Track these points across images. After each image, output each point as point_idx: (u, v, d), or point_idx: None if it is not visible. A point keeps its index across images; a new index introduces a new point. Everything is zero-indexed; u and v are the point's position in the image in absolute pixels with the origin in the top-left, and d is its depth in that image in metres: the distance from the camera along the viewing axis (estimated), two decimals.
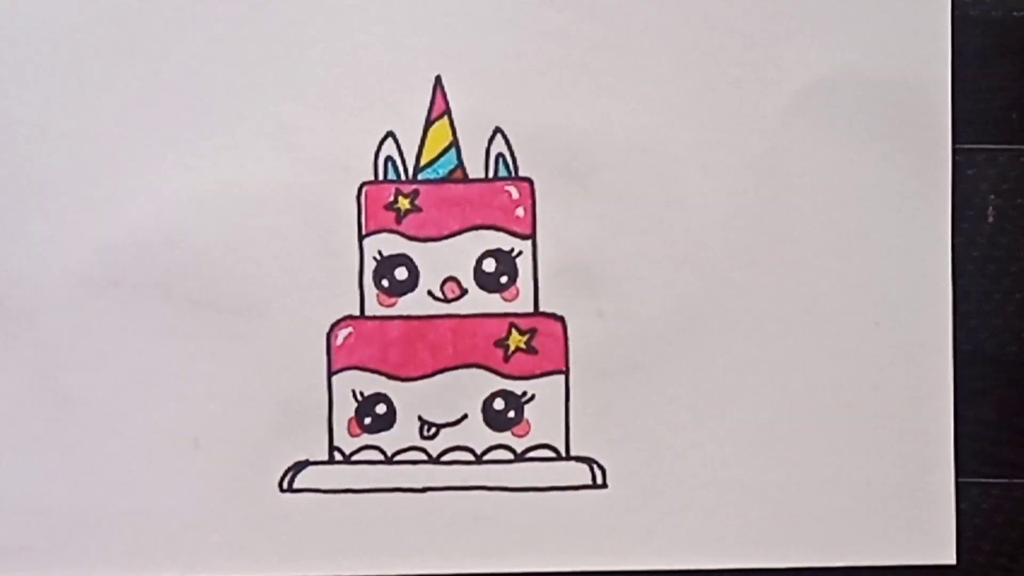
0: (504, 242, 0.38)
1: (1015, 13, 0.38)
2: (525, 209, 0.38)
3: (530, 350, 0.38)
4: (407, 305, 0.38)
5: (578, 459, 0.38)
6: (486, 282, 0.38)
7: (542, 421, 0.38)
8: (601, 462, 0.38)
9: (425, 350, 0.38)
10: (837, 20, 0.38)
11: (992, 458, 0.38)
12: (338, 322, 0.38)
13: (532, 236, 0.38)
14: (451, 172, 0.38)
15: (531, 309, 0.38)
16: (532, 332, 0.38)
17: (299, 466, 0.38)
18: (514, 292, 0.38)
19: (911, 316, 0.38)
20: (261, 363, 0.38)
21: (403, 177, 0.38)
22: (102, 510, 0.38)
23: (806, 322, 0.38)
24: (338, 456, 0.38)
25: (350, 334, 0.38)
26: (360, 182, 0.38)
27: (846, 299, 0.38)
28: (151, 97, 0.38)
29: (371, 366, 0.38)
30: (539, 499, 0.38)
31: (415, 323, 0.38)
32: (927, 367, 0.38)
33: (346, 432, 0.38)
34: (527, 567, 0.38)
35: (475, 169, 0.38)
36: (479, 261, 0.38)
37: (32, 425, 0.38)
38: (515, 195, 0.38)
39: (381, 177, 0.38)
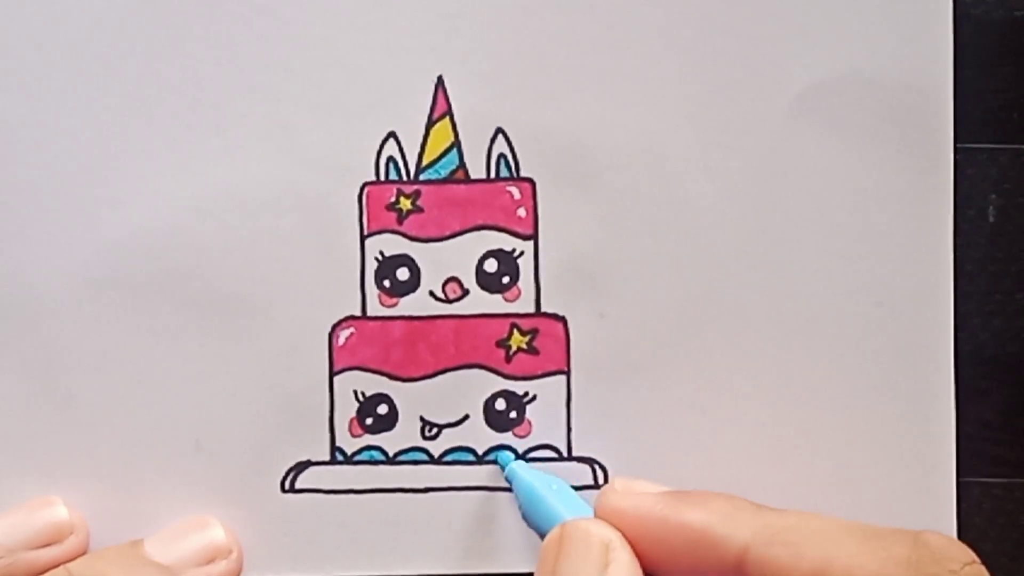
0: (506, 242, 0.38)
1: (1016, 13, 0.38)
2: (527, 210, 0.38)
3: (532, 351, 0.38)
4: (409, 305, 0.38)
5: (580, 459, 0.38)
6: (488, 282, 0.38)
7: (544, 422, 0.38)
8: (603, 462, 0.38)
9: (427, 350, 0.38)
10: (838, 21, 0.38)
11: (993, 458, 0.38)
12: (340, 322, 0.38)
13: (534, 236, 0.38)
14: (453, 172, 0.38)
15: (533, 310, 0.38)
16: (534, 333, 0.38)
17: (301, 466, 0.38)
18: (516, 293, 0.38)
19: (912, 316, 0.38)
20: (262, 364, 0.38)
21: (405, 178, 0.38)
22: (102, 511, 0.38)
23: (807, 323, 0.38)
24: (340, 456, 0.38)
25: (352, 335, 0.38)
26: (362, 183, 0.38)
27: (846, 299, 0.38)
28: (151, 97, 0.37)
29: (373, 366, 0.38)
30: None
31: (417, 323, 0.38)
32: (928, 367, 0.38)
33: (348, 433, 0.38)
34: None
35: (477, 170, 0.38)
36: (481, 261, 0.38)
37: (32, 425, 0.38)
38: (517, 195, 0.38)
39: (383, 178, 0.38)
